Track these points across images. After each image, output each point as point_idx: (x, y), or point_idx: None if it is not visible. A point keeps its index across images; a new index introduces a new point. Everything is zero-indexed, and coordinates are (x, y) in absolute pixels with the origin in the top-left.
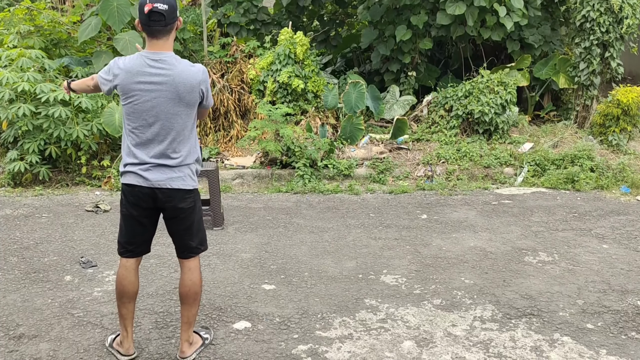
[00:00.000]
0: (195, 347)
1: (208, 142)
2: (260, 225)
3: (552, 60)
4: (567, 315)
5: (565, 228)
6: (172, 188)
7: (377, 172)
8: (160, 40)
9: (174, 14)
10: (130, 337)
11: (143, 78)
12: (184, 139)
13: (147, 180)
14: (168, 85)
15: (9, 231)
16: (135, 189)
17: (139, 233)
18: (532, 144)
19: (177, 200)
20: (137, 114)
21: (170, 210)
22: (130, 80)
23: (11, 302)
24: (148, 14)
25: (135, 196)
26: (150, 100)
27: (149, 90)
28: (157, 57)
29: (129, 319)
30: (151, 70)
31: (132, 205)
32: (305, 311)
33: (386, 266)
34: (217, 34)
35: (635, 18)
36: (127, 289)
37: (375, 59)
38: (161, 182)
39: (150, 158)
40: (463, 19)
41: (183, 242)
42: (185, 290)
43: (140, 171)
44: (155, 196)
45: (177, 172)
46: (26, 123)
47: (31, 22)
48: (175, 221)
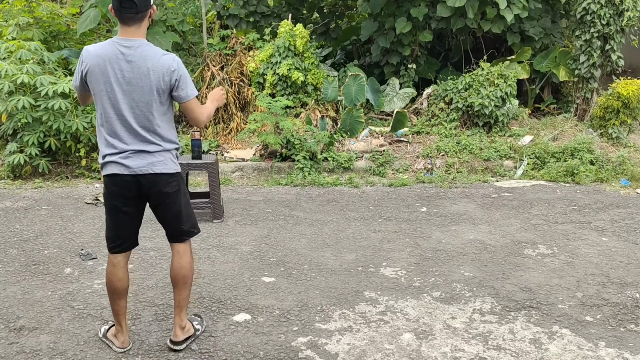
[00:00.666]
0: (187, 334)
1: (208, 134)
2: (260, 217)
3: (553, 53)
4: (566, 307)
5: (565, 221)
6: (155, 173)
7: (377, 164)
8: (131, 27)
9: (146, 2)
10: (125, 331)
11: (115, 65)
12: (161, 125)
13: (128, 167)
14: (140, 71)
15: (8, 224)
16: (118, 177)
17: (125, 225)
18: (532, 136)
19: (161, 185)
20: (110, 102)
21: (155, 196)
22: (102, 67)
23: (11, 294)
24: (119, 1)
25: (118, 185)
26: (124, 88)
27: (121, 77)
28: (129, 43)
29: (122, 314)
30: (122, 57)
31: (116, 196)
32: (304, 303)
33: (386, 259)
34: (217, 26)
35: (635, 10)
36: (116, 286)
37: (375, 51)
38: (143, 167)
39: (129, 145)
40: (463, 11)
41: (174, 227)
42: (174, 273)
43: (120, 159)
44: (139, 183)
45: (157, 157)
46: (25, 115)
47: (30, 14)
48: (162, 207)
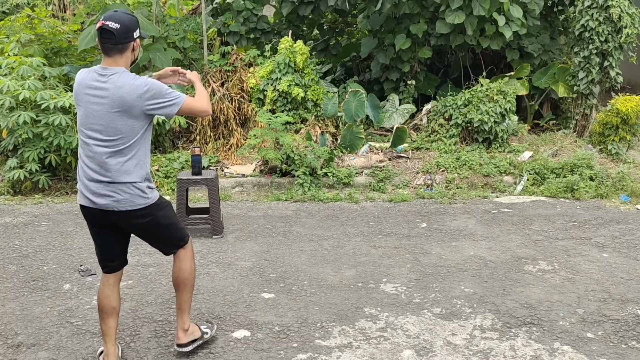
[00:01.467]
0: (192, 337)
1: (208, 150)
2: (259, 233)
3: (552, 69)
4: (567, 324)
5: (565, 237)
6: (120, 210)
7: (377, 180)
8: (111, 57)
9: (127, 34)
10: (111, 354)
11: (89, 91)
12: (132, 156)
13: (94, 202)
14: (109, 99)
15: (8, 239)
16: (86, 209)
17: (107, 248)
18: (532, 152)
19: (130, 218)
20: (83, 128)
21: (127, 227)
22: (80, 92)
23: (10, 310)
24: (99, 31)
25: (88, 216)
26: (96, 115)
27: (93, 102)
28: (105, 72)
29: (109, 335)
30: (96, 84)
31: (90, 225)
32: (304, 320)
33: (386, 275)
34: (217, 43)
35: (634, 27)
36: (103, 304)
37: (375, 67)
38: (108, 205)
39: (96, 177)
40: (462, 28)
41: (158, 248)
42: (173, 277)
43: (86, 192)
44: (107, 216)
45: (123, 194)
46: (26, 131)
47: (32, 30)
48: (139, 234)
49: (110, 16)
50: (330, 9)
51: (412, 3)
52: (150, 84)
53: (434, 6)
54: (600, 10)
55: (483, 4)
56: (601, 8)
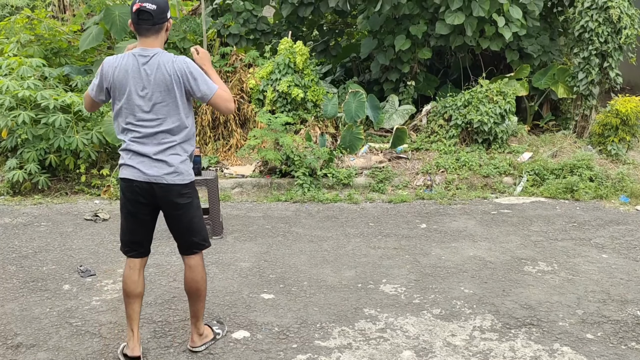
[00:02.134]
0: (205, 339)
1: (207, 151)
2: (259, 234)
3: (551, 70)
4: (566, 325)
5: (565, 238)
6: (168, 183)
7: (377, 181)
8: (149, 38)
9: (162, 15)
10: (136, 337)
11: (135, 74)
12: (180, 132)
13: (144, 174)
14: (160, 76)
15: (7, 240)
16: (132, 183)
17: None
18: (531, 153)
19: (173, 196)
20: (131, 110)
21: (167, 205)
22: (123, 77)
23: (9, 311)
24: (137, 13)
25: (132, 191)
26: (144, 96)
27: (141, 86)
28: (146, 52)
29: (134, 319)
30: (140, 66)
31: (131, 202)
32: (304, 321)
33: (385, 275)
34: (217, 44)
35: (633, 28)
36: (131, 289)
37: (374, 68)
38: (157, 177)
39: (147, 152)
40: (462, 29)
41: (186, 239)
42: (187, 287)
43: (137, 164)
44: (152, 191)
45: (173, 167)
46: (26, 131)
47: (31, 31)
48: (174, 217)
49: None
50: (330, 10)
51: (412, 4)
52: (187, 61)
53: (434, 7)
54: (600, 11)
55: (483, 5)
56: (601, 9)
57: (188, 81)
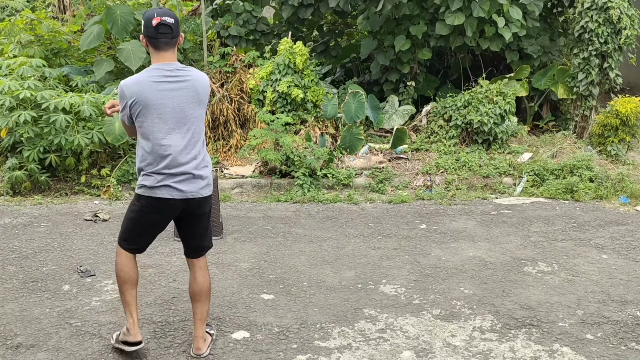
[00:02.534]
0: (207, 342)
1: (207, 151)
2: (259, 234)
3: (551, 71)
4: (566, 325)
5: (565, 238)
6: (203, 197)
7: (376, 181)
8: (167, 52)
9: (179, 28)
10: (136, 323)
11: (164, 86)
12: (204, 144)
13: (181, 191)
14: (190, 90)
15: (7, 240)
16: (169, 201)
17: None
18: (531, 154)
19: (204, 206)
20: (160, 127)
21: (195, 215)
22: (148, 95)
23: (9, 311)
24: (156, 27)
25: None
26: (175, 111)
27: (170, 101)
28: (171, 67)
29: (133, 304)
30: (171, 79)
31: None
32: (304, 321)
33: (385, 276)
34: (217, 44)
35: (633, 29)
36: (130, 275)
37: (374, 69)
38: (194, 192)
39: (181, 168)
40: (462, 30)
41: (199, 242)
42: (198, 288)
43: (173, 183)
44: (186, 205)
45: (205, 180)
46: (27, 130)
47: (32, 31)
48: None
49: (164, 12)
50: (330, 10)
51: (412, 4)
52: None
53: (434, 7)
54: (600, 11)
55: (483, 6)
56: (601, 9)
57: (208, 95)
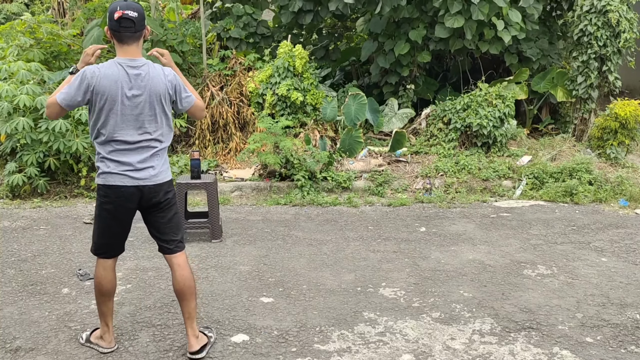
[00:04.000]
0: (202, 342)
1: (207, 154)
2: (258, 237)
3: (550, 74)
4: (566, 328)
5: (564, 241)
6: (157, 183)
7: (376, 184)
8: (131, 46)
9: (142, 22)
10: (111, 330)
11: (124, 84)
12: (164, 135)
13: (134, 179)
14: (148, 88)
15: (6, 243)
16: (121, 189)
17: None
18: (531, 157)
19: (162, 194)
20: (117, 118)
21: (154, 204)
22: (110, 86)
23: (8, 314)
24: (118, 21)
25: (120, 197)
26: (133, 104)
27: (130, 95)
28: (134, 63)
29: (109, 315)
30: (130, 76)
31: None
32: (303, 324)
33: (385, 279)
34: (217, 47)
35: (632, 32)
36: (107, 288)
37: (374, 71)
38: (146, 179)
39: (135, 158)
40: (461, 33)
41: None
42: (179, 286)
43: (127, 172)
44: (141, 193)
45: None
46: (25, 136)
47: (31, 35)
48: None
49: (127, 5)
50: (330, 14)
51: (412, 7)
52: (173, 73)
53: (433, 11)
54: (599, 15)
55: (482, 9)
56: (600, 13)
57: (179, 93)
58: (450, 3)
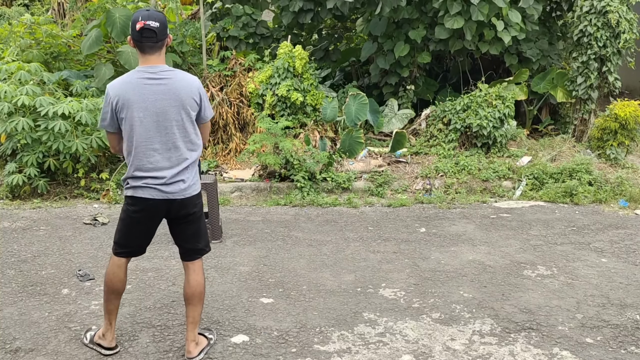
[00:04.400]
0: (201, 346)
1: (207, 154)
2: (258, 238)
3: (550, 74)
4: (566, 329)
5: (564, 242)
6: (186, 197)
7: (376, 185)
8: (153, 55)
9: (164, 31)
10: (113, 329)
11: (144, 92)
12: (191, 146)
13: (163, 192)
14: (169, 95)
15: (6, 244)
16: (150, 201)
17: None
18: (531, 157)
19: (189, 207)
20: (142, 129)
21: (182, 217)
22: (130, 97)
23: (8, 315)
24: (140, 31)
25: (147, 209)
26: (156, 113)
27: (151, 104)
28: (154, 69)
29: (114, 313)
30: (151, 84)
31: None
32: (303, 325)
33: (385, 280)
34: (217, 48)
35: (632, 33)
36: (117, 287)
37: (374, 72)
38: (176, 193)
39: (163, 171)
40: (461, 33)
41: (192, 245)
42: (191, 291)
43: (155, 185)
44: (170, 206)
45: (188, 181)
46: (25, 136)
47: (31, 35)
48: (184, 225)
49: (148, 15)
50: (329, 14)
51: (411, 8)
52: (200, 83)
53: (433, 11)
54: (599, 15)
55: (482, 9)
56: (599, 13)
57: (198, 98)
58: (449, 4)
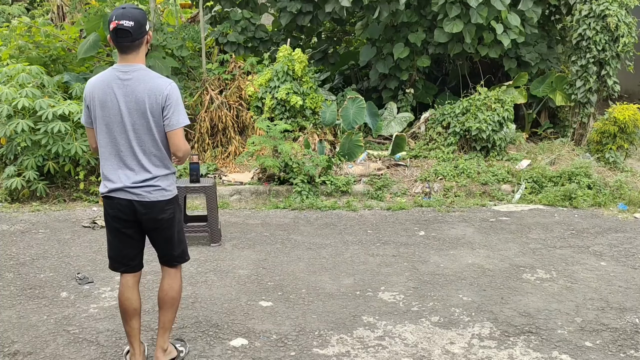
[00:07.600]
0: (169, 356)
1: (206, 158)
2: (257, 241)
3: (549, 78)
4: (565, 333)
5: (563, 245)
6: (151, 201)
7: (375, 188)
8: (129, 54)
9: (141, 29)
10: (137, 353)
11: (115, 91)
12: (159, 150)
13: (126, 192)
14: (136, 96)
15: (5, 247)
16: (115, 200)
17: (126, 245)
18: (530, 161)
19: (156, 212)
20: (109, 129)
21: (148, 221)
22: (102, 94)
23: (6, 318)
24: (114, 31)
25: (114, 208)
26: (123, 113)
27: (121, 103)
28: (126, 69)
29: (133, 335)
30: (121, 83)
31: (114, 218)
32: (302, 328)
33: (384, 283)
34: (216, 51)
35: (631, 36)
36: (125, 306)
37: (373, 76)
38: (141, 195)
39: (129, 171)
40: (461, 37)
41: (165, 252)
42: (162, 294)
43: (120, 185)
44: (134, 208)
45: (155, 183)
46: (25, 139)
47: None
48: (155, 232)
49: (122, 14)
50: (328, 17)
51: (410, 12)
52: (173, 88)
53: (432, 15)
54: (598, 19)
55: (481, 13)
56: (598, 17)
57: (164, 102)
58: (449, 7)
